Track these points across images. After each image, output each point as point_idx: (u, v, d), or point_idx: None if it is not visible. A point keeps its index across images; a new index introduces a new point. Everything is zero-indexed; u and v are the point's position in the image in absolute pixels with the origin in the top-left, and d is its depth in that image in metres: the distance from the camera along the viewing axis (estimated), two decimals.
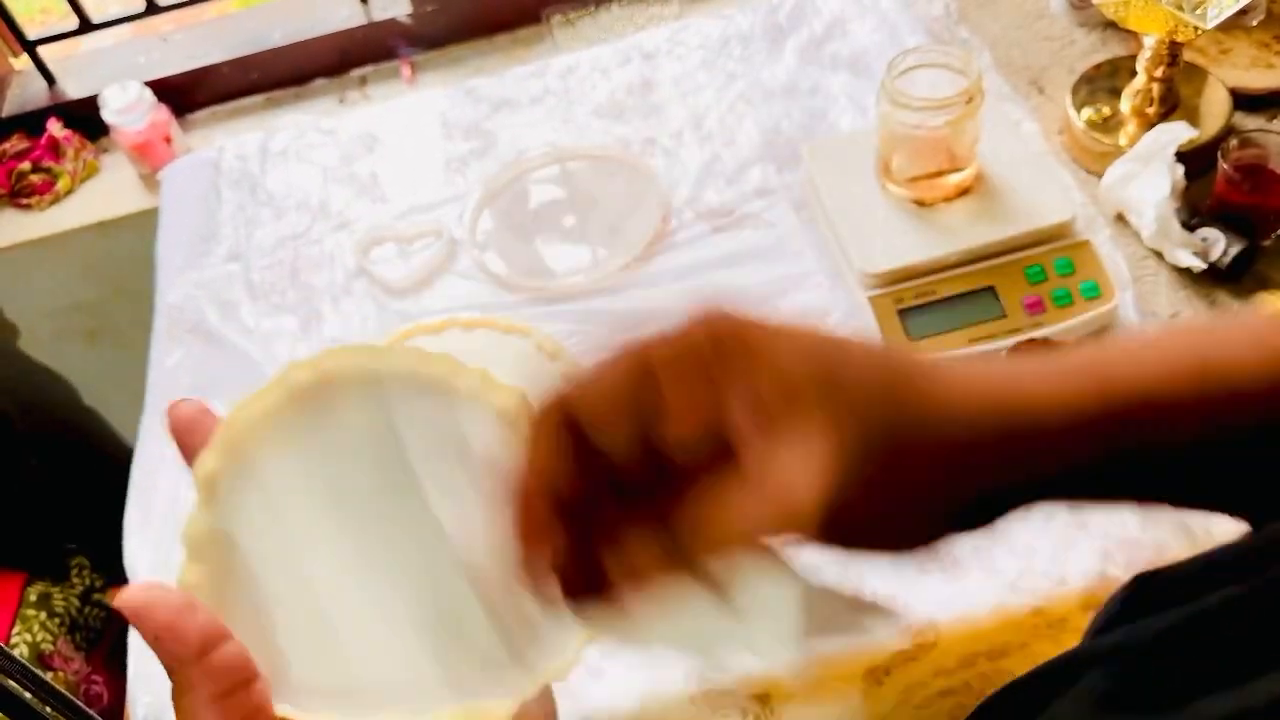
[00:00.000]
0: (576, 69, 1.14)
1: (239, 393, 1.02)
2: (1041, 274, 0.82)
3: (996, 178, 0.86)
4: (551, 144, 1.06)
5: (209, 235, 1.07)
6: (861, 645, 0.72)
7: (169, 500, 0.87)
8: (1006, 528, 0.70)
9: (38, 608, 1.28)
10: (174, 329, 0.99)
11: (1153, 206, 0.84)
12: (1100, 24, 1.05)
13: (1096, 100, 0.96)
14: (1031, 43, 1.06)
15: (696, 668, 0.72)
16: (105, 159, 1.29)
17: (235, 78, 1.29)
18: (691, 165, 1.02)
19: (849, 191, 0.87)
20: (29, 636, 1.25)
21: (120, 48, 1.34)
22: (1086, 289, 0.81)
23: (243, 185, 1.11)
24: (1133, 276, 0.85)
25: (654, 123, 1.07)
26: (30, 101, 1.29)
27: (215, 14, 1.38)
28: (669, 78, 1.11)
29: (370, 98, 1.28)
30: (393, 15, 1.27)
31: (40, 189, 1.24)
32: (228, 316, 0.99)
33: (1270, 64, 0.97)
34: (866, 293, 0.83)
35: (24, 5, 2.46)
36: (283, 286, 1.00)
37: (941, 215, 0.84)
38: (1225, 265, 0.82)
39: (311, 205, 1.07)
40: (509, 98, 1.13)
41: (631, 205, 0.99)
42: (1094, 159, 0.93)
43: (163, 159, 1.20)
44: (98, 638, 1.33)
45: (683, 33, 1.15)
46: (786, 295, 0.90)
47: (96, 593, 1.36)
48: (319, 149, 1.12)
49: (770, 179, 0.99)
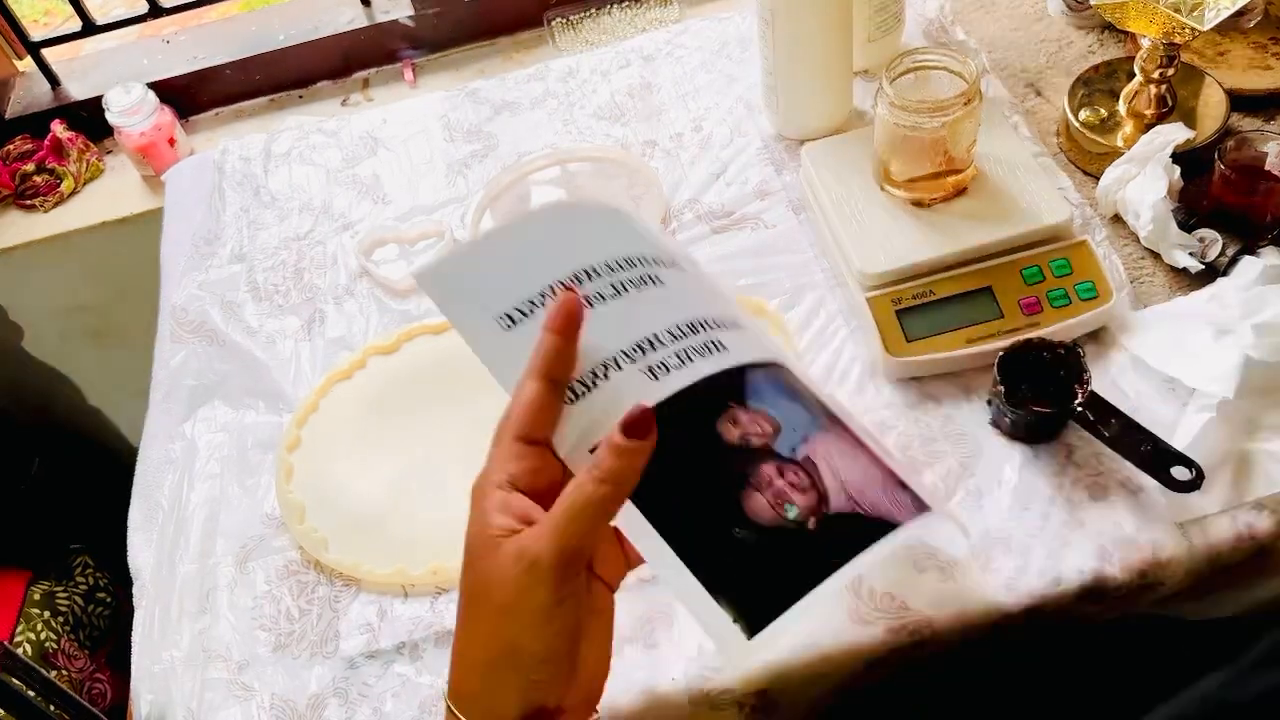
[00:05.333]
0: (577, 71, 1.15)
1: (243, 394, 1.03)
2: (1039, 274, 0.82)
3: (994, 179, 0.86)
4: (552, 146, 1.07)
5: (212, 236, 1.07)
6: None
7: (172, 499, 0.88)
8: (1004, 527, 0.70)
9: (41, 606, 1.29)
10: (178, 330, 1.00)
11: (1150, 207, 0.85)
12: (1097, 26, 1.06)
13: (1094, 102, 0.96)
14: (1029, 44, 1.06)
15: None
16: (109, 160, 1.30)
17: (238, 79, 1.30)
18: (691, 167, 1.02)
19: (847, 193, 0.88)
20: (33, 635, 1.26)
21: (124, 50, 1.35)
22: (1083, 289, 0.81)
23: (246, 187, 1.11)
24: (1130, 277, 0.86)
25: (654, 125, 1.07)
26: (34, 103, 1.30)
27: (219, 16, 1.38)
28: (669, 80, 1.12)
29: (373, 100, 1.29)
30: (395, 18, 1.28)
31: (44, 190, 1.25)
32: (231, 317, 0.99)
33: (1267, 65, 0.97)
34: (865, 293, 0.83)
35: (28, 7, 2.48)
36: (286, 287, 1.01)
37: (939, 216, 0.85)
38: (1222, 266, 0.83)
39: (314, 207, 1.08)
40: (510, 100, 1.14)
41: (632, 207, 0.99)
42: (1091, 160, 0.94)
43: (166, 160, 1.21)
44: (101, 636, 1.34)
45: (682, 35, 1.16)
46: (786, 296, 0.90)
47: (100, 592, 1.36)
48: (322, 151, 1.13)
49: (769, 180, 0.99)
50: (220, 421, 0.92)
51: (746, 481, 0.45)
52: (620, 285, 0.50)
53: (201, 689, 0.77)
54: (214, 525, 0.85)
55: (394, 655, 0.76)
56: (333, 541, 0.81)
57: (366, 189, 1.08)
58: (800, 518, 0.45)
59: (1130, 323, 0.83)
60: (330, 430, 0.88)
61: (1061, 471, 0.77)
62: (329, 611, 0.79)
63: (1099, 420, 0.74)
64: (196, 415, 0.93)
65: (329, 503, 0.84)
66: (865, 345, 0.85)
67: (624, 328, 0.48)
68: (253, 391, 0.93)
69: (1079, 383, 0.75)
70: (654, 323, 0.48)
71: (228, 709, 0.76)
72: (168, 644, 0.79)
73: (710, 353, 0.48)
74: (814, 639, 0.72)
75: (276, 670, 0.77)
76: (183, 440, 0.91)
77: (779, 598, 0.43)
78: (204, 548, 0.84)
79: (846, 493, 0.46)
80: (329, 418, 0.89)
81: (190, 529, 0.86)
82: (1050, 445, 0.78)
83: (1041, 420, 0.77)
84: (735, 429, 0.45)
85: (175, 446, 0.91)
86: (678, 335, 0.48)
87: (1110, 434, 0.74)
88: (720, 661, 0.71)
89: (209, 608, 0.81)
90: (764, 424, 0.46)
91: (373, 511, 0.83)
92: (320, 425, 0.88)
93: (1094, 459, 0.77)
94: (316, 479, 0.85)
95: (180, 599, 0.82)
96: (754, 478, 0.45)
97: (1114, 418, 0.74)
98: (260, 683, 0.77)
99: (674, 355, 0.47)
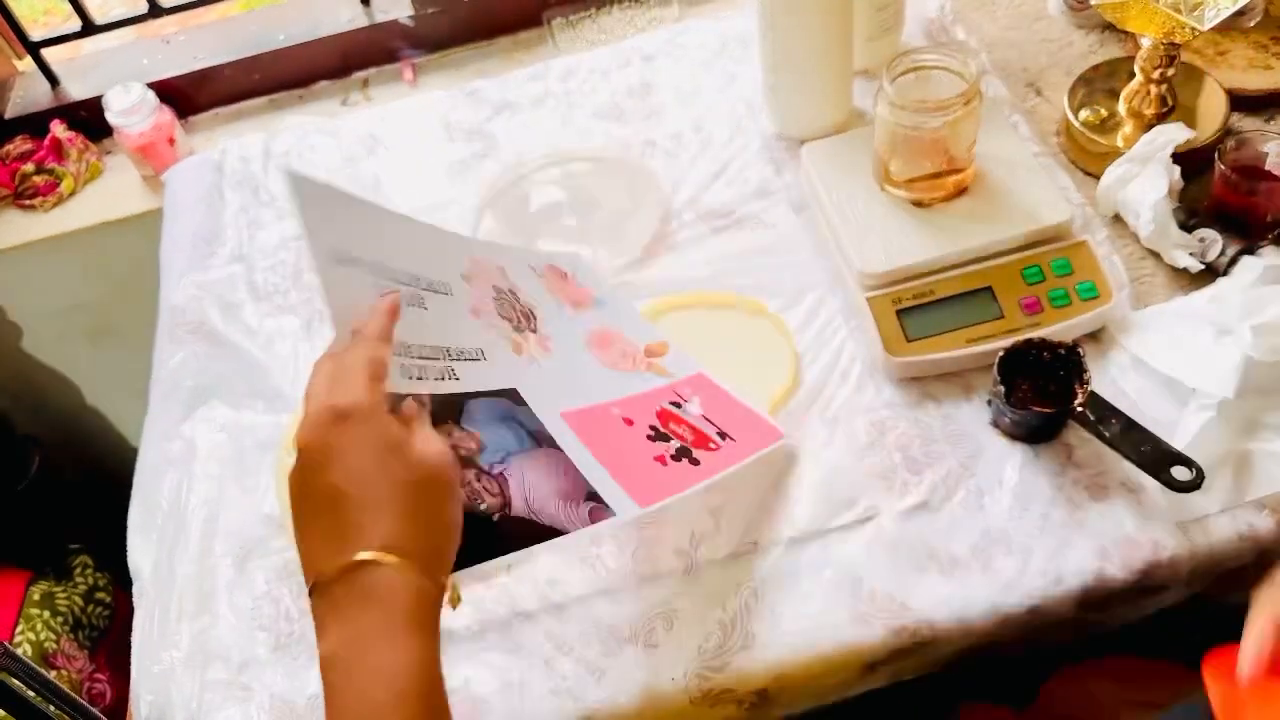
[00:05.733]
0: (577, 71, 1.15)
1: (242, 394, 1.03)
2: (1039, 274, 0.82)
3: (994, 179, 0.86)
4: (552, 146, 1.07)
5: (212, 236, 1.07)
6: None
7: (172, 500, 0.88)
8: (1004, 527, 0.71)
9: (41, 607, 1.29)
10: (177, 330, 0.99)
11: (1150, 207, 0.85)
12: (1098, 25, 1.06)
13: (1094, 101, 0.96)
14: (1029, 44, 1.06)
15: None
16: (108, 160, 1.30)
17: (238, 79, 1.29)
18: (691, 167, 1.02)
19: (848, 193, 0.88)
20: (32, 635, 1.26)
21: (123, 50, 1.35)
22: (1084, 289, 0.81)
23: (245, 186, 1.11)
24: (1130, 277, 0.86)
25: (654, 124, 1.07)
26: (34, 103, 1.30)
27: (218, 16, 1.38)
28: (669, 80, 1.11)
29: (372, 100, 1.29)
30: (395, 18, 1.28)
31: (44, 190, 1.25)
32: (231, 317, 0.99)
33: (1267, 65, 0.97)
34: (865, 293, 0.83)
35: (27, 7, 2.47)
36: (285, 287, 1.01)
37: (940, 216, 0.85)
38: (1222, 266, 0.83)
39: None
40: (510, 100, 1.13)
41: (632, 207, 0.99)
42: (1091, 160, 0.94)
43: (166, 160, 1.21)
44: (101, 636, 1.34)
45: (682, 35, 1.16)
46: (786, 296, 0.90)
47: (99, 592, 1.36)
48: (321, 151, 1.13)
49: (769, 180, 0.99)
50: (219, 422, 0.92)
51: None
52: (416, 298, 0.64)
53: (201, 689, 0.77)
54: (213, 525, 0.85)
55: None
56: None
57: (366, 189, 1.08)
58: (490, 512, 0.64)
59: (1130, 323, 0.83)
60: None
61: (1062, 471, 0.77)
62: None
63: (1099, 420, 0.74)
64: (196, 415, 0.93)
65: None
66: (865, 345, 0.85)
67: (408, 329, 0.61)
68: (252, 392, 0.93)
69: (1079, 383, 0.75)
70: (419, 329, 0.62)
71: (227, 709, 0.76)
72: (167, 644, 0.79)
73: (445, 376, 0.63)
74: (814, 639, 0.72)
75: (276, 671, 0.77)
76: (182, 440, 0.91)
77: (467, 559, 0.58)
78: (203, 548, 0.84)
79: (527, 503, 0.65)
80: None
81: (190, 529, 0.85)
82: (1051, 445, 0.78)
83: (1042, 420, 0.77)
84: (449, 441, 0.59)
85: (174, 447, 0.91)
86: (430, 352, 0.63)
87: (1111, 434, 0.74)
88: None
89: (208, 608, 0.81)
90: (469, 441, 0.65)
91: None
92: None
93: (1094, 459, 0.77)
94: None
95: (180, 599, 0.82)
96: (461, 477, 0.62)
97: (1114, 418, 0.74)
98: (259, 683, 0.76)
99: (418, 364, 0.61)
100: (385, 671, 0.50)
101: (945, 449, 0.79)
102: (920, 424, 0.81)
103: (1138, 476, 0.74)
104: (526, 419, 0.68)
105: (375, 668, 0.50)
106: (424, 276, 0.66)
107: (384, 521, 0.52)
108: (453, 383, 0.64)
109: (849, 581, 0.74)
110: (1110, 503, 0.74)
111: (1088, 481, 0.76)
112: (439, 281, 0.68)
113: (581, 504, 0.66)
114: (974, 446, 0.79)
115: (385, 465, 0.53)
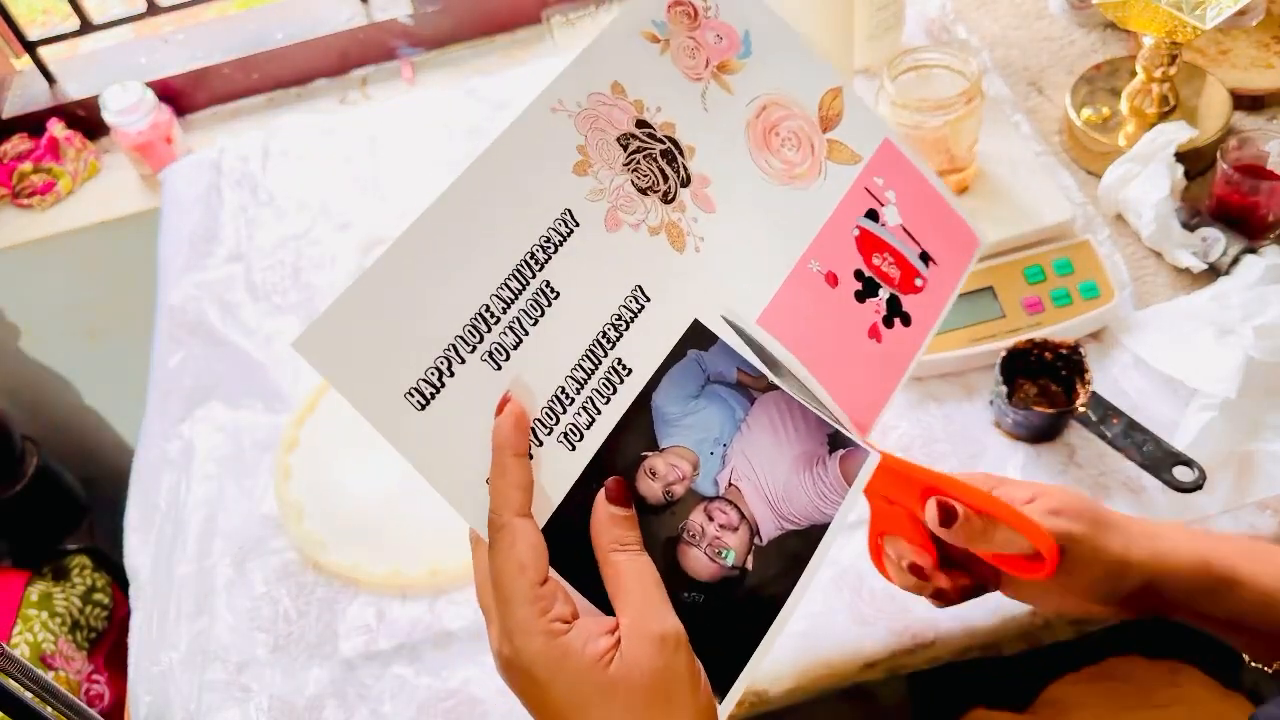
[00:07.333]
0: None
1: (240, 394, 1.02)
2: (1040, 274, 0.82)
3: (996, 178, 0.86)
4: None
5: (210, 236, 1.07)
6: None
7: (170, 500, 0.87)
8: None
9: (39, 607, 1.28)
10: (175, 329, 0.99)
11: (1152, 207, 0.85)
12: (1099, 24, 1.06)
13: (1096, 100, 0.96)
14: (1030, 43, 1.06)
15: None
16: (106, 159, 1.29)
17: (236, 78, 1.29)
18: None
19: None
20: (30, 636, 1.25)
21: (121, 48, 1.34)
22: (1085, 289, 0.81)
23: (244, 186, 1.11)
24: (1132, 276, 0.86)
25: None
26: (31, 102, 1.29)
27: (216, 15, 1.38)
28: None
29: (371, 98, 1.28)
30: (393, 16, 1.27)
31: (41, 189, 1.24)
32: (229, 317, 0.99)
33: (1269, 64, 0.97)
34: None
35: (25, 6, 2.47)
36: (284, 287, 1.01)
37: None
38: (1224, 266, 0.83)
39: (312, 206, 1.07)
40: (509, 98, 1.13)
41: None
42: (1093, 159, 0.93)
43: (164, 159, 1.20)
44: (99, 637, 1.34)
45: None
46: None
47: (97, 592, 1.36)
48: (320, 149, 1.13)
49: None
50: (218, 422, 0.91)
51: (681, 539, 0.44)
52: (518, 321, 0.43)
53: (199, 690, 0.76)
54: (212, 526, 0.85)
55: (392, 656, 0.76)
56: (331, 542, 0.81)
57: (365, 188, 1.08)
58: (738, 562, 0.44)
59: (1132, 322, 0.82)
60: (329, 431, 0.87)
61: (1064, 471, 0.76)
62: (327, 612, 0.79)
63: (1101, 420, 0.74)
64: (194, 415, 0.92)
65: (327, 504, 0.83)
66: None
67: (533, 384, 0.43)
68: (250, 392, 0.93)
69: (1081, 383, 0.75)
70: (555, 367, 0.43)
71: (226, 710, 0.75)
72: (166, 645, 0.79)
73: (613, 385, 0.44)
74: (814, 639, 0.71)
75: (275, 671, 0.77)
76: (180, 440, 0.91)
77: (735, 658, 0.43)
78: (202, 548, 0.84)
79: (774, 510, 0.46)
80: (327, 419, 0.88)
81: (188, 530, 0.85)
82: (1052, 445, 0.78)
83: (1044, 420, 0.76)
84: (655, 482, 0.44)
85: (172, 447, 0.91)
86: (582, 375, 0.44)
87: (1112, 434, 0.74)
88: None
89: (207, 608, 0.80)
90: (682, 465, 0.45)
91: (371, 512, 0.82)
92: (319, 426, 0.88)
93: (1096, 459, 0.76)
94: (315, 480, 0.85)
95: (178, 600, 0.81)
96: (687, 532, 0.44)
97: (1116, 418, 0.74)
98: (258, 684, 0.76)
99: (581, 410, 0.43)
100: None
101: (947, 449, 0.79)
102: (922, 424, 0.80)
103: (1140, 477, 0.74)
104: (717, 363, 0.47)
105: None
106: (516, 262, 0.44)
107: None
108: (627, 381, 0.45)
109: (850, 581, 0.74)
110: (1112, 503, 0.74)
111: (1090, 482, 0.76)
112: (556, 221, 0.44)
113: (829, 459, 0.47)
114: (976, 447, 0.79)
115: (591, 705, 0.41)
